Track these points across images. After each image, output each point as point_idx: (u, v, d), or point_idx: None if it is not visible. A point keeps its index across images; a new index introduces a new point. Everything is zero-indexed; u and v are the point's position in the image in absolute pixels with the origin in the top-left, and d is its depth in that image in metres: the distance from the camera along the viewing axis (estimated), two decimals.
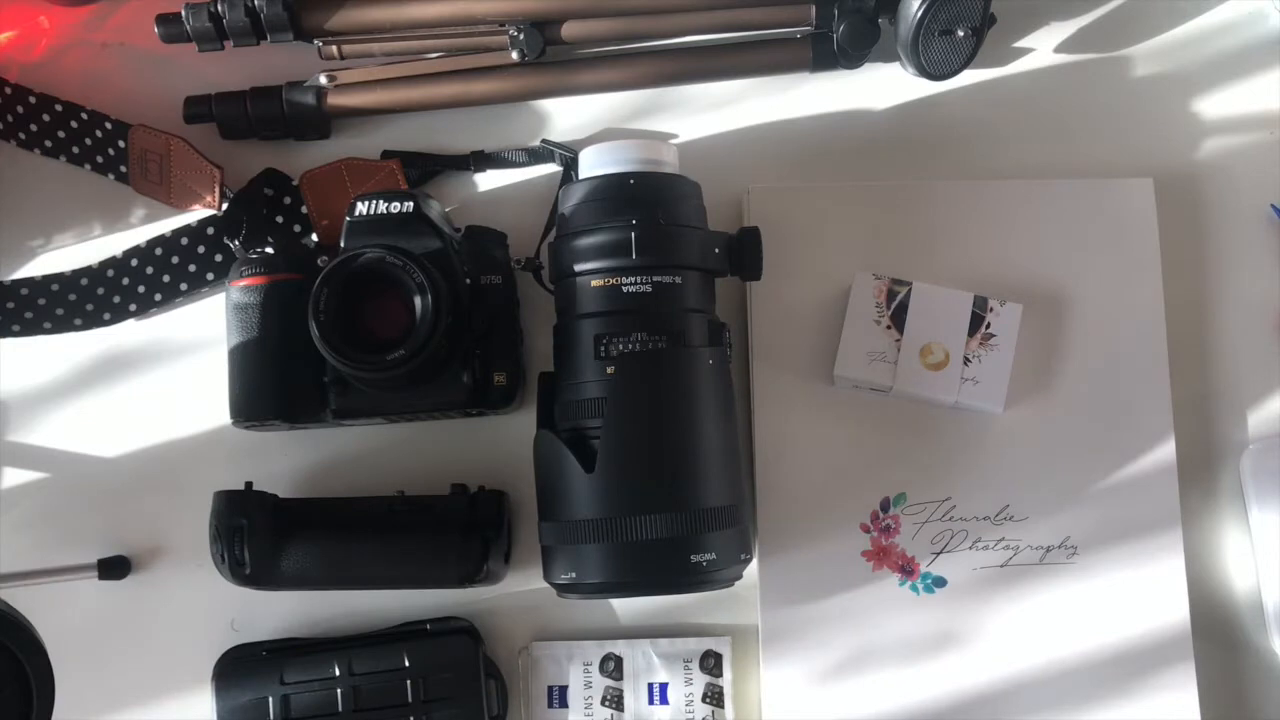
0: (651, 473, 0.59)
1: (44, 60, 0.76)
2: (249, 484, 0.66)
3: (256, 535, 0.64)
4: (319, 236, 0.72)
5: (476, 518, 0.66)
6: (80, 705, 0.68)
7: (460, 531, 0.65)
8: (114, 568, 0.69)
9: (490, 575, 0.66)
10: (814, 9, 0.72)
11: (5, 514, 0.71)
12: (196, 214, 0.73)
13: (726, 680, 0.68)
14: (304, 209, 0.72)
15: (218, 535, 0.65)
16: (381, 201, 0.64)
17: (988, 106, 0.74)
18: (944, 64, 0.70)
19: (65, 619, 0.69)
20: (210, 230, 0.72)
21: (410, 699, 0.65)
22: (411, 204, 0.64)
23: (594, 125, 0.75)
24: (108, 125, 0.73)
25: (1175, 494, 0.68)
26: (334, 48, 0.73)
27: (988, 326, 0.68)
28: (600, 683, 0.68)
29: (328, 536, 0.66)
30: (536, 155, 0.74)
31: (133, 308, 0.72)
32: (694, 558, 0.58)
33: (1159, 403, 0.69)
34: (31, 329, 0.71)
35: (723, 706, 0.68)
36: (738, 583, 0.63)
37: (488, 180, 0.74)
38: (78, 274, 0.72)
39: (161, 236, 0.72)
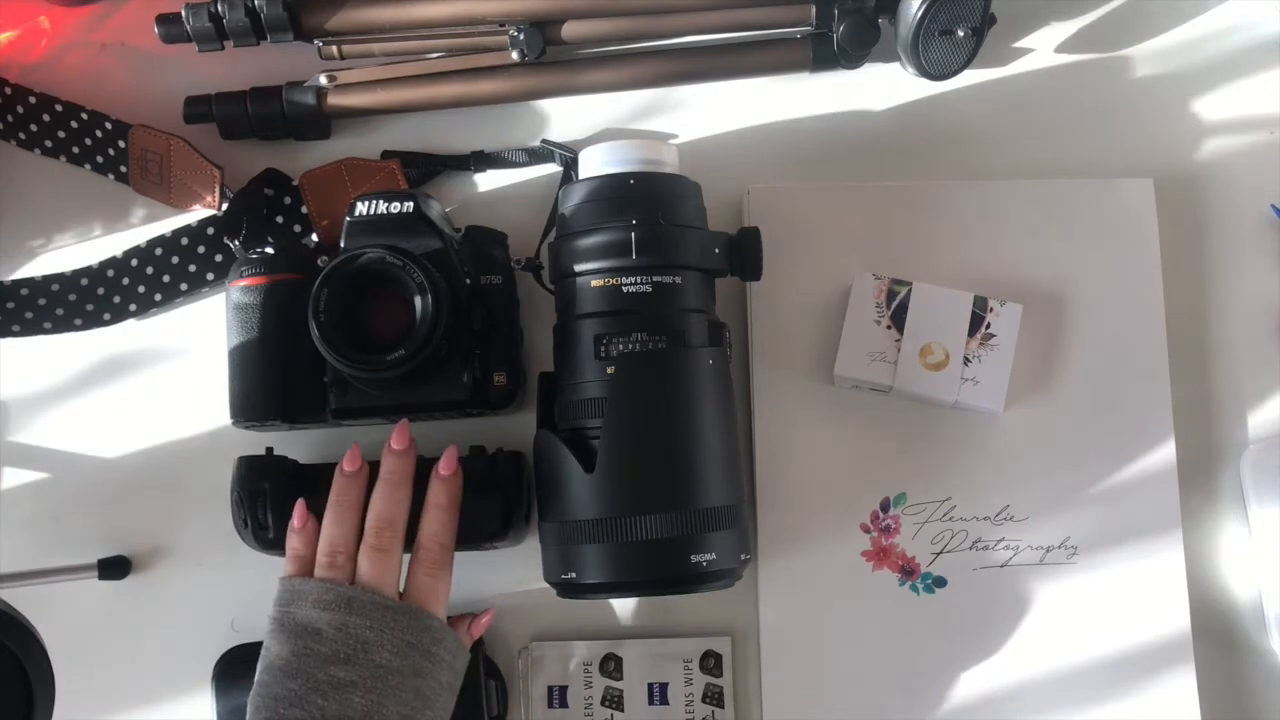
0: (651, 472, 0.59)
1: (44, 60, 0.76)
2: (269, 449, 0.66)
3: (279, 498, 0.64)
4: (319, 236, 0.72)
5: (497, 478, 0.65)
6: (80, 705, 0.68)
7: (480, 490, 0.64)
8: (114, 568, 0.69)
9: (512, 535, 0.65)
10: (814, 9, 0.72)
11: (5, 514, 0.71)
12: (196, 214, 0.73)
13: (726, 680, 0.68)
14: (304, 209, 0.72)
15: (240, 500, 0.64)
16: (381, 201, 0.64)
17: (988, 106, 0.74)
18: (944, 64, 0.70)
19: (65, 619, 0.69)
20: (210, 230, 0.72)
21: None
22: (411, 204, 0.64)
23: (594, 125, 0.75)
24: (108, 125, 0.73)
25: (1175, 494, 0.68)
26: (334, 48, 0.73)
27: (988, 326, 0.68)
28: (600, 683, 0.68)
29: None
30: (536, 155, 0.74)
31: (133, 308, 0.72)
32: (694, 558, 0.58)
33: (1159, 403, 0.69)
34: (31, 329, 0.71)
35: (723, 706, 0.68)
36: (738, 583, 0.63)
37: (488, 180, 0.74)
38: (78, 274, 0.72)
39: (161, 236, 0.72)
